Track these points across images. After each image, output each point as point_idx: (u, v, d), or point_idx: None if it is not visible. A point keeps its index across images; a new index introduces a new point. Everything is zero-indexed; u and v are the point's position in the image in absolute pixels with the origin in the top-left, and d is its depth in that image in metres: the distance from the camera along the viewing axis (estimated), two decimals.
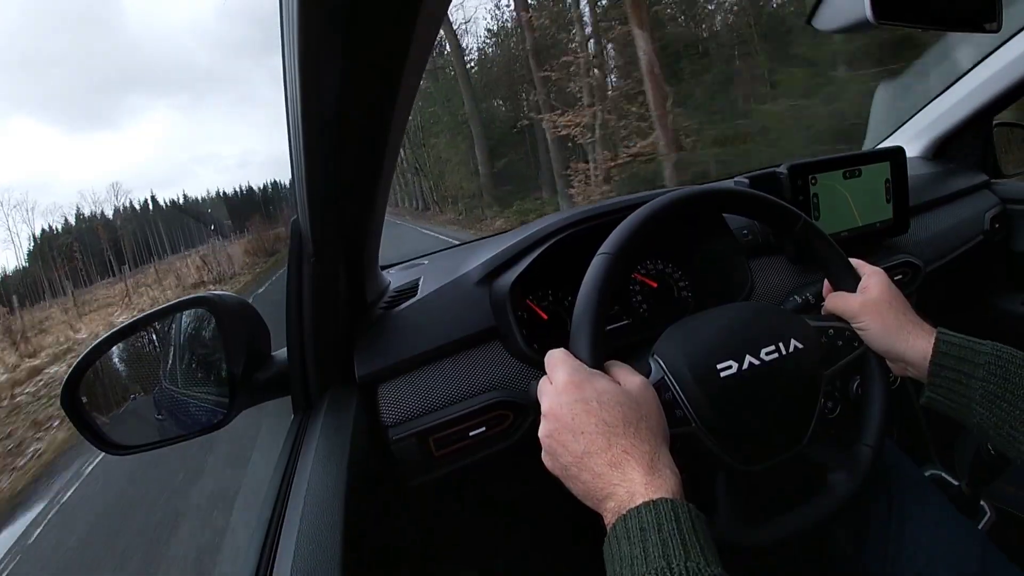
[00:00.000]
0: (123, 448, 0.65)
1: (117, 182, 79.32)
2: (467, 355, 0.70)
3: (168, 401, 0.71)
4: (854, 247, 0.88)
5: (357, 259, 0.66)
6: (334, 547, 0.43)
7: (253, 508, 0.51)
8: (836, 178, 0.88)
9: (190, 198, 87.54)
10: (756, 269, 0.81)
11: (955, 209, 1.04)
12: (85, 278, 22.20)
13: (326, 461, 0.53)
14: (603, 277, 0.49)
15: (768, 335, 0.52)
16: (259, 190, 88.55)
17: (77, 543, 3.12)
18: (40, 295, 39.42)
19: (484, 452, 0.66)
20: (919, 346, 0.55)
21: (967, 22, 0.63)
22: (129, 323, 0.65)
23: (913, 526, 0.62)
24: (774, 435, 0.52)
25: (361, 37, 0.32)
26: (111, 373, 0.67)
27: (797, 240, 0.61)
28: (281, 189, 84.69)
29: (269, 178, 62.30)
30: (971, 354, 0.51)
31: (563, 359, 0.47)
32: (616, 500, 0.38)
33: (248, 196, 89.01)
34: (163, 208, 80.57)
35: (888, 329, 0.56)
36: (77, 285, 20.69)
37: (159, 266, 33.50)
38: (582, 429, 0.42)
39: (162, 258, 56.72)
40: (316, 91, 0.36)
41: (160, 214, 79.56)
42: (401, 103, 0.40)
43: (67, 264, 21.93)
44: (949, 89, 1.11)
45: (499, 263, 0.74)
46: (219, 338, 0.64)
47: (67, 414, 0.60)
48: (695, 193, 0.57)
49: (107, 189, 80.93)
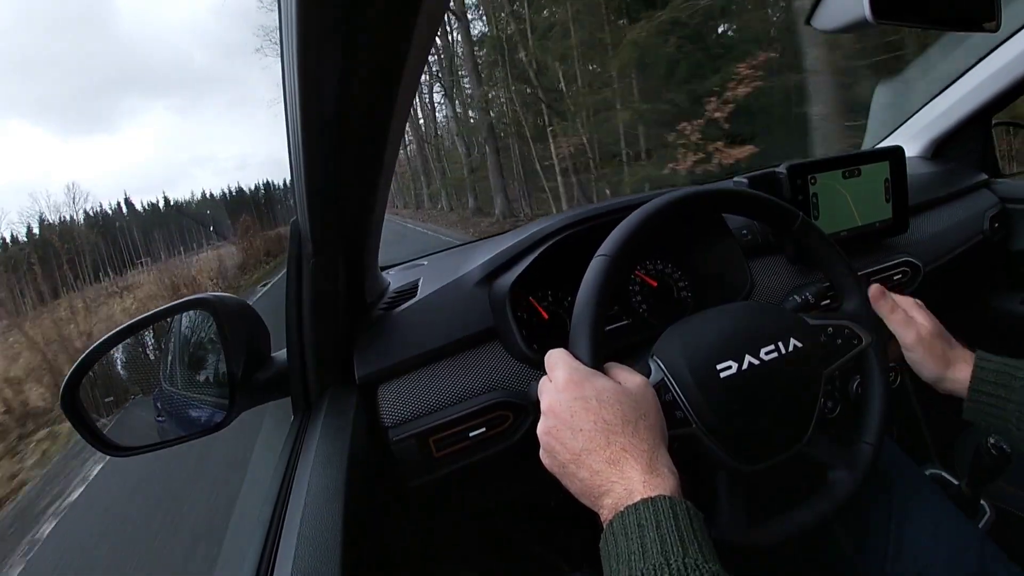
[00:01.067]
0: (123, 450, 0.65)
1: (74, 182, 71.21)
2: (467, 356, 0.70)
3: (168, 402, 0.71)
4: (854, 247, 0.88)
5: (357, 260, 0.66)
6: (334, 548, 0.43)
7: (253, 509, 0.51)
8: (835, 178, 0.88)
9: (180, 200, 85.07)
10: (756, 269, 0.81)
11: (954, 209, 1.04)
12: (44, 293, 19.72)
13: (326, 462, 0.53)
14: (602, 278, 0.49)
15: (767, 335, 0.52)
16: (249, 191, 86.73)
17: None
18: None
19: (484, 453, 0.66)
20: (962, 373, 0.60)
21: (966, 21, 0.63)
22: (129, 324, 0.65)
23: (913, 526, 0.62)
24: (774, 435, 0.52)
25: (361, 37, 0.32)
26: (111, 374, 0.67)
27: (796, 239, 0.61)
28: (275, 190, 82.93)
29: (263, 179, 60.57)
30: (1008, 379, 0.55)
31: (563, 358, 0.48)
32: (614, 497, 0.38)
33: (239, 196, 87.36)
34: (141, 212, 75.33)
35: (937, 360, 0.61)
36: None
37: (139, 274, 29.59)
38: (581, 427, 0.42)
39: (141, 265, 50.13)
40: (316, 91, 0.36)
41: (136, 217, 74.34)
42: (401, 103, 0.40)
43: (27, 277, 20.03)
44: (948, 88, 1.11)
45: (499, 264, 0.74)
46: (219, 339, 0.64)
47: (67, 415, 0.60)
48: (693, 193, 0.57)
49: (65, 191, 72.47)
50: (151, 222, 78.15)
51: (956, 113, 1.11)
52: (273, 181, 70.19)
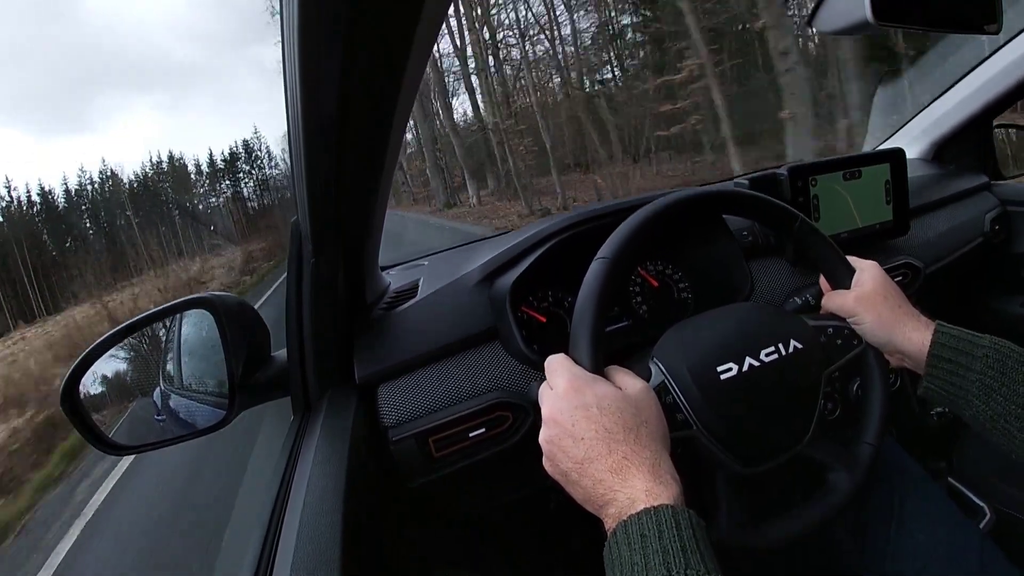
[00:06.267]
0: (122, 448, 0.65)
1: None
2: (467, 356, 0.70)
3: (168, 402, 0.71)
4: (854, 248, 0.88)
5: (357, 260, 0.67)
6: (333, 548, 0.43)
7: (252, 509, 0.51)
8: (836, 179, 0.88)
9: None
10: (756, 270, 0.81)
11: (955, 211, 1.04)
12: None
13: (326, 462, 0.53)
14: (601, 282, 0.49)
15: (767, 336, 0.52)
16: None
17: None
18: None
19: (484, 453, 0.66)
20: (916, 338, 0.55)
21: (967, 24, 0.63)
22: (128, 323, 0.65)
23: (913, 525, 0.62)
24: (774, 436, 0.52)
25: (361, 37, 0.32)
26: (111, 373, 0.67)
27: (796, 241, 0.61)
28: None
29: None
30: (969, 347, 0.52)
31: (563, 364, 0.47)
32: (617, 506, 0.38)
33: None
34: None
35: (884, 322, 0.56)
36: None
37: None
38: (582, 435, 0.42)
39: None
40: (316, 91, 0.36)
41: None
42: (401, 103, 0.40)
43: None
44: (949, 91, 1.11)
45: (499, 264, 0.74)
46: (219, 338, 0.64)
47: (66, 414, 0.60)
48: (693, 195, 0.57)
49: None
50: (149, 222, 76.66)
51: (957, 115, 1.11)
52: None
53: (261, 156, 62.21)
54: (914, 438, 1.01)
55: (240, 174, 62.09)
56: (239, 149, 61.46)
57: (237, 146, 61.66)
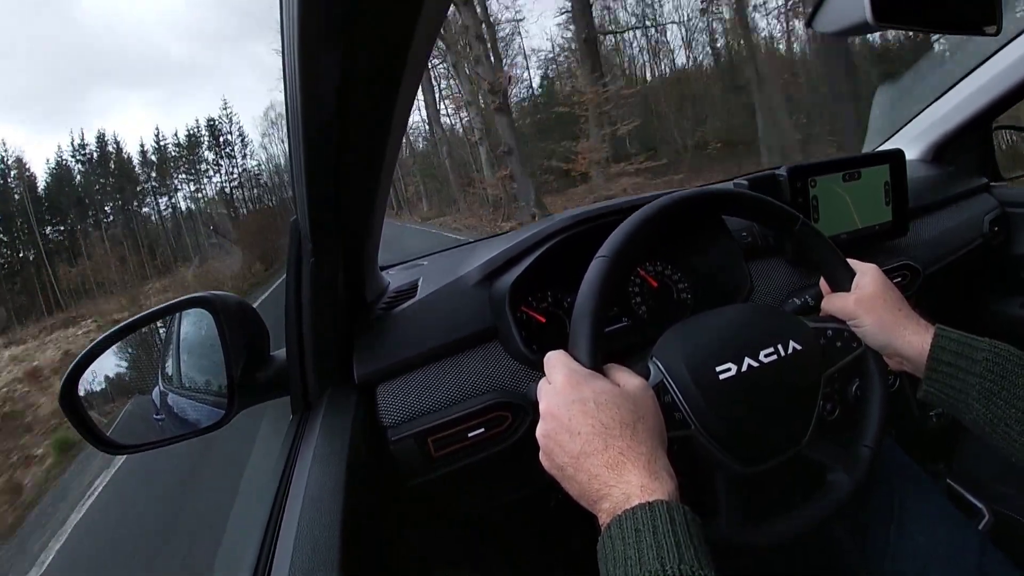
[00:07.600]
0: (121, 448, 0.65)
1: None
2: (466, 356, 0.70)
3: (167, 401, 0.71)
4: (853, 249, 0.88)
5: (356, 259, 0.67)
6: (332, 547, 0.43)
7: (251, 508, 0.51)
8: (835, 180, 0.88)
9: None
10: (756, 271, 0.81)
11: (954, 212, 1.05)
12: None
13: (325, 461, 0.53)
14: (601, 280, 0.49)
15: (767, 337, 0.52)
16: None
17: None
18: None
19: (483, 453, 0.66)
20: (916, 341, 0.55)
21: (967, 25, 0.63)
22: (128, 322, 0.65)
23: (913, 526, 0.62)
24: (773, 437, 0.52)
25: (361, 37, 0.32)
26: (110, 372, 0.67)
27: (796, 241, 0.61)
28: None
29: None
30: (969, 350, 0.52)
31: (562, 360, 0.47)
32: (612, 501, 0.38)
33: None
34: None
35: (884, 325, 0.56)
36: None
37: None
38: (579, 430, 0.42)
39: None
40: (316, 91, 0.36)
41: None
42: (401, 103, 0.40)
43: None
44: (949, 92, 1.11)
45: (498, 264, 0.74)
46: (218, 338, 0.64)
47: (65, 413, 0.60)
48: (693, 195, 0.57)
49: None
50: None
51: (957, 117, 1.11)
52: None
53: (233, 141, 44.08)
54: (913, 440, 1.01)
55: (202, 164, 43.84)
56: (202, 132, 43.19)
57: (199, 127, 43.22)
